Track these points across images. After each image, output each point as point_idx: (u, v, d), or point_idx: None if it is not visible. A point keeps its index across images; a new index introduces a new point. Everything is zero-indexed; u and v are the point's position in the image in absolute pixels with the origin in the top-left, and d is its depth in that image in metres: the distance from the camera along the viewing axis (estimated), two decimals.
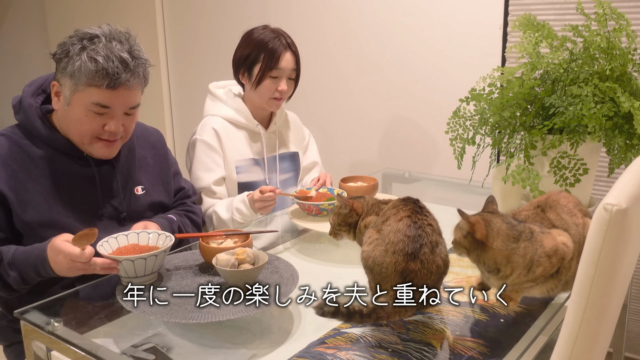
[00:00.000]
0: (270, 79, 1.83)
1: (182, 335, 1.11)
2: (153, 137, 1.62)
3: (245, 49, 1.87)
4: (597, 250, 0.75)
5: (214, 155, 1.84)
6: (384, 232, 1.07)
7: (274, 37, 1.84)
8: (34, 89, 1.41)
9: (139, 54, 1.34)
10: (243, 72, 1.88)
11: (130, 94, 1.34)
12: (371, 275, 1.07)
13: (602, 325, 0.81)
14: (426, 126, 2.47)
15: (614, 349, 1.80)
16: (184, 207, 1.63)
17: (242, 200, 1.73)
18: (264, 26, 1.89)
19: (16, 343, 1.47)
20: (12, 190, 1.31)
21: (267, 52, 1.82)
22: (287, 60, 1.84)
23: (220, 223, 1.77)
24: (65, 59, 1.31)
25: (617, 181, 0.83)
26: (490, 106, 1.51)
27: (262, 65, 1.83)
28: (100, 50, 1.28)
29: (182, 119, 3.44)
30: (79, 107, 1.32)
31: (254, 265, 1.19)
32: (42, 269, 1.24)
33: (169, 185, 1.61)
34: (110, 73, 1.27)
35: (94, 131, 1.34)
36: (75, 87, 1.30)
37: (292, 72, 1.87)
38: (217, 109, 1.92)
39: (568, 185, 1.44)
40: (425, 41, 2.40)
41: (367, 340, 1.07)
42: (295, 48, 1.88)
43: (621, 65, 1.46)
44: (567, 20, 1.95)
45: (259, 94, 1.87)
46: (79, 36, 1.31)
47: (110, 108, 1.33)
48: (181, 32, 3.31)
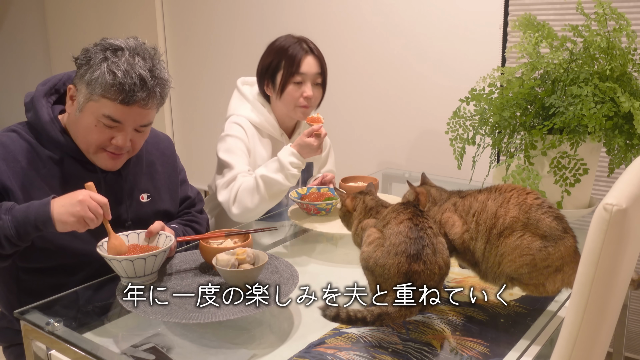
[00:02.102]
0: (293, 85, 1.79)
1: (182, 335, 1.11)
2: (163, 144, 1.60)
3: (267, 58, 1.84)
4: (597, 250, 0.75)
5: (244, 147, 1.79)
6: (385, 235, 1.07)
7: (294, 43, 1.80)
8: (48, 88, 1.40)
9: (159, 74, 1.31)
10: (267, 83, 1.84)
11: (144, 112, 1.31)
12: (372, 277, 1.06)
13: (602, 325, 0.81)
14: (426, 126, 2.47)
15: (614, 349, 1.80)
16: (188, 217, 1.62)
17: (291, 153, 1.62)
18: (288, 35, 1.86)
19: (15, 344, 1.47)
20: (19, 188, 1.30)
21: (287, 57, 1.78)
22: (309, 64, 1.79)
23: (273, 185, 1.62)
24: (85, 66, 1.28)
25: (617, 181, 0.82)
26: (490, 106, 1.51)
27: (284, 72, 1.79)
28: (122, 65, 1.25)
29: (182, 119, 3.44)
30: (90, 116, 1.30)
31: (254, 265, 1.19)
32: (42, 209, 1.19)
33: (176, 194, 1.60)
34: (126, 89, 1.25)
35: (100, 142, 1.33)
36: (89, 95, 1.28)
37: (317, 76, 1.82)
38: (244, 110, 1.87)
39: (568, 185, 1.44)
40: (425, 41, 2.40)
41: (367, 340, 1.07)
42: (318, 52, 1.83)
43: (621, 65, 1.46)
44: (567, 20, 1.95)
45: (284, 103, 1.82)
46: (104, 46, 1.29)
47: (121, 123, 1.30)
48: (181, 32, 3.31)
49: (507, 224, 1.10)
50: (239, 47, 3.07)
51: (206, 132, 3.31)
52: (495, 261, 1.11)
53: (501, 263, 1.10)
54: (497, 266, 1.11)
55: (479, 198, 1.16)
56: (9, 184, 1.30)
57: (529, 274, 1.08)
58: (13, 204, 1.24)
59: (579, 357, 0.79)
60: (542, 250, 1.06)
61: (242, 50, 3.06)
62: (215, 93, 3.23)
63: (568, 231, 1.09)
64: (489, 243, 1.12)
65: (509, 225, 1.10)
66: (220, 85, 3.19)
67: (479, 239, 1.13)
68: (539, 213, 1.09)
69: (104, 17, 3.60)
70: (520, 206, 1.10)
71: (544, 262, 1.07)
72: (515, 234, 1.09)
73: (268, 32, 2.90)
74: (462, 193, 1.22)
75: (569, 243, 1.07)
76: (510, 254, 1.09)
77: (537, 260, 1.07)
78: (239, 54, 3.08)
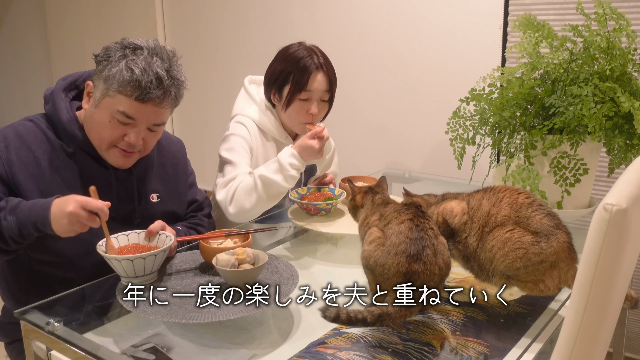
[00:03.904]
0: (299, 101, 1.75)
1: (182, 335, 1.11)
2: (174, 147, 1.61)
3: (277, 65, 1.80)
4: (597, 250, 0.75)
5: (248, 147, 1.77)
6: (386, 235, 1.07)
7: (306, 55, 1.75)
8: (68, 83, 1.42)
9: (176, 74, 1.34)
10: (274, 92, 1.81)
11: (158, 111, 1.33)
12: (372, 276, 1.07)
13: (602, 325, 0.81)
14: (426, 126, 2.47)
15: (614, 349, 1.80)
16: (194, 220, 1.62)
17: (291, 154, 1.59)
18: (300, 43, 1.82)
19: (18, 340, 1.47)
20: (30, 179, 1.31)
21: (297, 71, 1.74)
22: (317, 82, 1.75)
23: (272, 185, 1.59)
24: (104, 62, 1.31)
25: (617, 181, 0.83)
26: (490, 106, 1.51)
27: (292, 87, 1.75)
28: (140, 62, 1.28)
29: (182, 119, 3.44)
30: (105, 112, 1.31)
31: (254, 265, 1.19)
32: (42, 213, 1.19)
33: (184, 197, 1.60)
34: (142, 86, 1.27)
35: (113, 139, 1.34)
36: (106, 91, 1.30)
37: (325, 93, 1.78)
38: (250, 111, 1.84)
39: (568, 185, 1.44)
40: (425, 41, 2.40)
41: (367, 340, 1.07)
42: (327, 67, 1.78)
43: (621, 65, 1.46)
44: (567, 20, 1.95)
45: (288, 117, 1.80)
46: (123, 44, 1.32)
47: (135, 120, 1.32)
48: (181, 32, 3.31)
49: (498, 222, 1.12)
50: (240, 47, 3.07)
51: (208, 133, 3.31)
52: (487, 257, 1.12)
53: (493, 259, 1.11)
54: (490, 263, 1.12)
55: (476, 196, 1.19)
56: (20, 177, 1.30)
57: (524, 268, 1.08)
58: (19, 202, 1.24)
59: (579, 357, 0.79)
60: (535, 245, 1.07)
61: (243, 51, 3.06)
62: (217, 94, 3.23)
63: (560, 227, 1.10)
64: (481, 240, 1.13)
65: (500, 223, 1.12)
66: (222, 86, 3.20)
67: (471, 235, 1.15)
68: (529, 211, 1.10)
69: (104, 18, 3.60)
70: (511, 205, 1.12)
71: (538, 257, 1.07)
72: (506, 228, 1.11)
73: (270, 32, 2.91)
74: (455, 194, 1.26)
75: (562, 239, 1.08)
76: (501, 249, 1.10)
77: (531, 255, 1.07)
78: (239, 54, 3.08)
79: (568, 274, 1.08)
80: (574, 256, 1.09)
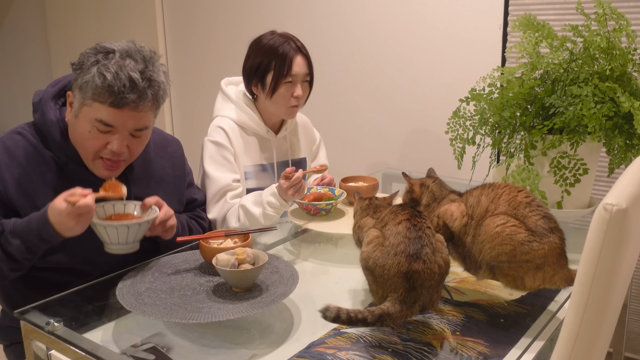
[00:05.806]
0: (284, 86, 1.78)
1: (182, 335, 1.11)
2: (171, 147, 1.59)
3: (255, 57, 1.83)
4: (597, 250, 0.75)
5: (228, 154, 1.80)
6: (384, 236, 1.07)
7: (283, 42, 1.79)
8: (57, 90, 1.38)
9: (152, 75, 1.27)
10: (255, 83, 1.83)
11: (137, 116, 1.28)
12: (372, 277, 1.06)
13: (602, 325, 0.81)
14: (426, 126, 2.47)
15: (614, 349, 1.80)
16: (193, 213, 1.64)
17: (272, 193, 1.63)
18: (272, 32, 1.85)
19: (16, 343, 1.47)
20: (23, 195, 1.30)
21: (278, 58, 1.77)
22: (299, 65, 1.79)
23: (251, 218, 1.68)
24: (78, 71, 1.27)
25: (617, 181, 0.83)
26: (490, 106, 1.51)
27: (275, 73, 1.77)
28: (112, 67, 1.23)
29: (182, 119, 3.44)
30: (85, 122, 1.27)
31: (254, 265, 1.19)
32: (44, 230, 1.20)
33: (182, 196, 1.60)
34: (115, 91, 1.22)
35: (96, 149, 1.30)
36: (82, 100, 1.26)
37: (306, 75, 1.82)
38: (227, 111, 1.88)
39: (568, 185, 1.44)
40: (425, 41, 2.40)
41: (367, 340, 1.07)
42: (306, 51, 1.83)
43: (621, 65, 1.46)
44: (567, 20, 1.95)
45: (274, 103, 1.82)
46: (97, 49, 1.28)
47: (114, 127, 1.27)
48: (181, 32, 3.31)
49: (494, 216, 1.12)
50: (240, 47, 3.06)
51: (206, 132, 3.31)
52: (477, 249, 1.13)
53: (482, 250, 1.11)
54: (479, 253, 1.12)
55: (474, 193, 1.19)
56: (14, 195, 1.29)
57: (508, 263, 1.08)
58: (14, 222, 1.24)
59: (579, 357, 0.79)
60: (525, 244, 1.07)
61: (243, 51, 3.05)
62: (216, 94, 3.22)
63: (555, 231, 1.09)
64: (475, 234, 1.14)
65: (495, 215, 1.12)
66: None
67: (469, 233, 1.15)
68: (527, 210, 1.10)
69: (104, 18, 3.60)
70: (509, 202, 1.12)
71: (525, 256, 1.07)
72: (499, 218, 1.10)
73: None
74: (461, 192, 1.24)
75: (554, 244, 1.07)
76: (490, 242, 1.10)
77: (518, 252, 1.07)
78: (240, 54, 3.07)
79: (553, 278, 1.08)
80: (563, 262, 1.08)
